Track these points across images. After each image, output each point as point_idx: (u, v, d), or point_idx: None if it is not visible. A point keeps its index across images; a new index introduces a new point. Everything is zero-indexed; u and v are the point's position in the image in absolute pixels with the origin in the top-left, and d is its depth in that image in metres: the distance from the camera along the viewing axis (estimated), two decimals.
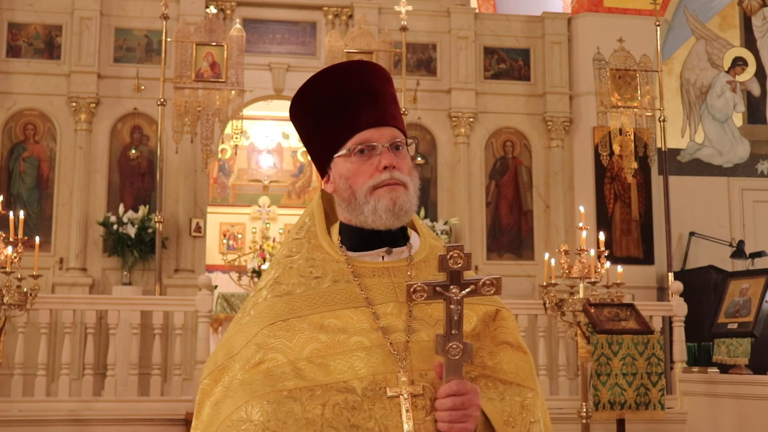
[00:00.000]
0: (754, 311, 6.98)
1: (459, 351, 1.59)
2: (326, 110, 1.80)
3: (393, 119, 1.79)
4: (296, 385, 1.64)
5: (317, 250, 1.80)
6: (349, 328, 1.69)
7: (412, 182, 1.77)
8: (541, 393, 1.82)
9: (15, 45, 9.29)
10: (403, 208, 1.74)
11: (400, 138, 1.79)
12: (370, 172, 1.74)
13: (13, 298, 6.06)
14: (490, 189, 9.90)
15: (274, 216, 12.89)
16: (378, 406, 1.62)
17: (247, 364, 1.69)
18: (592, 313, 6.66)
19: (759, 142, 10.61)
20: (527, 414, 1.72)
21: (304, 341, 1.68)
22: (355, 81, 1.80)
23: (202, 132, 8.49)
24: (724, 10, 10.76)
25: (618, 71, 9.13)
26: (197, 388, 5.86)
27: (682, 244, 10.03)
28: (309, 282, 1.76)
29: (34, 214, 8.96)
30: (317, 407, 1.62)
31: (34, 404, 6.84)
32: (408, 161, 1.79)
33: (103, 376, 7.38)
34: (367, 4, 9.75)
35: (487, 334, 1.78)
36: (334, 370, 1.65)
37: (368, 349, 1.67)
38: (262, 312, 1.75)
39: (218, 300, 10.14)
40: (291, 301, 1.74)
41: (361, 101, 1.78)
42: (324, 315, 1.71)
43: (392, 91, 1.84)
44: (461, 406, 1.59)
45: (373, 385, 1.63)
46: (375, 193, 1.74)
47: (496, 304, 1.82)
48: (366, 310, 1.71)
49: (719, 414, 6.95)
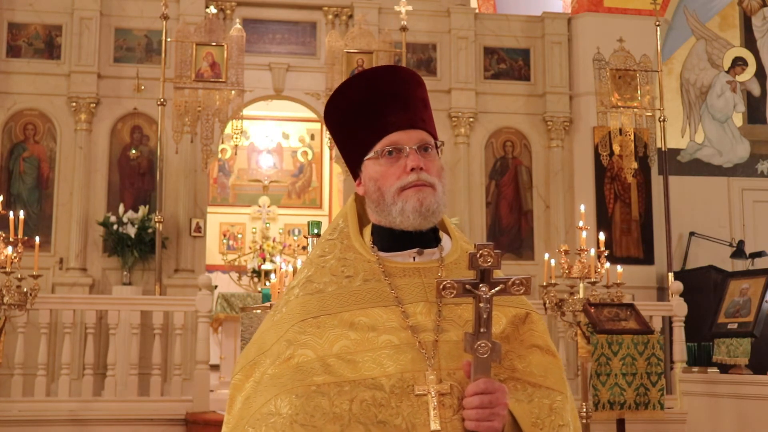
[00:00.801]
0: (754, 311, 6.97)
1: (487, 349, 1.59)
2: (356, 114, 1.83)
3: (422, 122, 1.82)
4: (325, 380, 1.66)
5: (349, 250, 1.83)
6: (379, 326, 1.71)
7: (440, 184, 1.79)
8: (571, 397, 1.82)
9: (15, 45, 9.29)
10: (430, 209, 1.76)
11: (428, 140, 1.81)
12: (398, 174, 1.77)
13: (13, 298, 6.06)
14: (490, 189, 9.90)
15: (274, 216, 12.90)
16: (405, 404, 1.64)
17: (278, 359, 1.72)
18: (592, 313, 6.66)
19: (759, 142, 10.61)
20: (556, 417, 1.72)
21: (334, 338, 1.71)
22: (385, 85, 1.83)
23: (202, 132, 8.49)
24: (724, 10, 10.76)
25: (618, 71, 9.14)
26: (197, 388, 5.89)
27: (682, 244, 10.03)
28: (340, 281, 1.79)
29: (34, 214, 8.96)
30: (345, 402, 1.64)
31: (34, 404, 6.84)
32: (437, 163, 1.81)
33: (103, 376, 7.38)
34: (367, 4, 9.74)
35: (516, 337, 1.78)
36: (362, 367, 1.67)
37: (397, 347, 1.69)
38: (293, 309, 1.78)
39: (218, 300, 10.13)
40: (322, 298, 1.77)
41: (390, 105, 1.81)
42: (354, 313, 1.73)
43: (423, 95, 1.86)
44: (488, 404, 1.60)
45: (401, 383, 1.65)
46: (402, 194, 1.76)
47: (526, 307, 1.82)
48: (396, 309, 1.73)
49: (719, 414, 6.95)
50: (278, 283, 6.14)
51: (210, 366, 7.25)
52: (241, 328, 8.96)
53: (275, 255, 11.17)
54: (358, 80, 1.86)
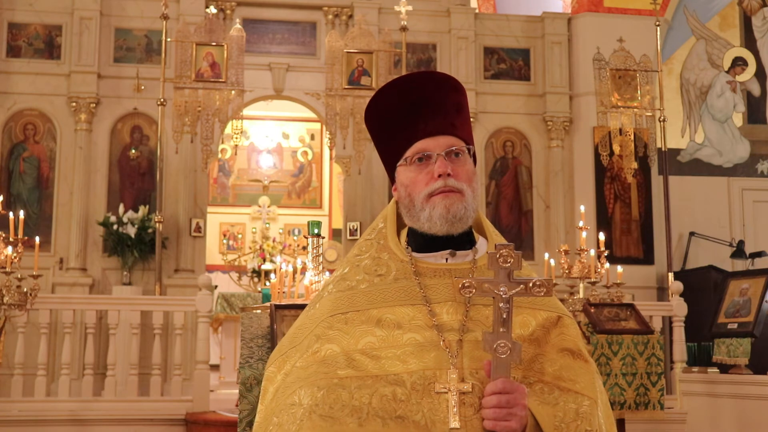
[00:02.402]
0: (754, 311, 6.97)
1: (507, 349, 1.60)
2: (390, 121, 1.87)
3: (452, 128, 1.83)
4: (348, 374, 1.70)
5: (385, 250, 1.87)
6: (405, 324, 1.74)
7: (469, 189, 1.81)
8: (604, 404, 1.79)
9: (15, 45, 9.29)
10: (456, 216, 1.78)
11: (457, 146, 1.82)
12: (426, 181, 1.80)
13: (13, 298, 6.06)
14: (490, 189, 9.90)
15: (274, 216, 12.90)
16: (426, 401, 1.66)
17: (306, 352, 1.77)
18: (592, 313, 6.66)
19: (759, 142, 10.61)
20: (582, 422, 1.70)
21: (360, 334, 1.75)
22: (417, 91, 1.85)
23: (202, 132, 8.49)
24: (724, 10, 10.76)
25: (618, 71, 9.13)
26: (197, 388, 5.89)
27: (682, 244, 10.03)
28: (372, 279, 1.83)
29: (34, 214, 8.96)
30: (365, 396, 1.67)
31: (34, 404, 6.84)
32: (467, 168, 1.83)
33: (103, 376, 7.38)
34: (367, 4, 9.74)
35: (548, 340, 1.78)
36: (386, 363, 1.70)
37: (421, 345, 1.71)
38: (324, 305, 1.83)
39: (218, 300, 10.13)
40: (353, 295, 1.81)
41: (420, 111, 1.84)
42: (382, 310, 1.76)
43: (458, 100, 1.87)
44: (506, 404, 1.60)
45: (422, 380, 1.67)
46: (431, 200, 1.79)
47: (558, 310, 1.82)
48: (422, 308, 1.75)
49: (719, 414, 6.94)
50: (278, 283, 6.13)
51: (210, 366, 7.24)
52: (241, 328, 8.93)
53: (275, 255, 11.16)
54: (391, 87, 1.89)
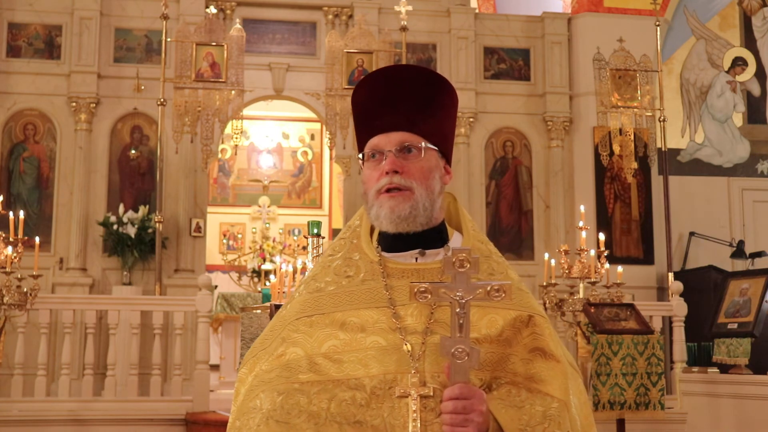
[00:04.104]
0: (754, 311, 6.97)
1: (465, 354, 1.57)
2: (358, 116, 1.85)
3: (409, 124, 1.78)
4: (309, 378, 1.68)
5: (356, 250, 1.83)
6: (368, 327, 1.71)
7: (421, 186, 1.75)
8: (578, 405, 1.75)
9: (15, 45, 9.29)
10: (401, 216, 1.73)
11: (410, 141, 1.76)
12: (377, 178, 1.76)
13: (13, 298, 6.06)
14: (490, 189, 9.90)
15: (274, 216, 12.90)
16: (386, 405, 1.63)
17: (271, 355, 1.75)
18: (592, 313, 6.66)
19: (759, 142, 10.61)
20: (550, 424, 1.66)
21: (324, 338, 1.72)
22: (381, 87, 1.81)
23: (202, 132, 8.49)
24: (724, 10, 10.75)
25: (618, 71, 9.13)
26: (197, 388, 5.91)
27: (682, 244, 10.03)
28: (341, 280, 1.79)
29: (34, 214, 8.96)
30: (324, 401, 1.64)
31: (34, 404, 6.84)
32: (421, 165, 1.76)
33: (103, 376, 7.38)
34: (367, 4, 9.74)
35: (519, 340, 1.73)
36: (348, 367, 1.67)
37: (383, 348, 1.68)
38: (293, 307, 1.81)
39: (218, 300, 10.14)
40: (319, 298, 1.78)
41: (380, 107, 1.79)
42: (347, 313, 1.73)
43: (430, 95, 1.82)
44: (462, 410, 1.57)
45: (382, 384, 1.65)
46: (378, 199, 1.76)
47: (530, 309, 1.77)
48: (387, 311, 1.72)
49: (719, 414, 6.94)
50: (278, 283, 6.14)
51: (210, 366, 7.24)
52: (241, 328, 8.94)
53: (275, 255, 11.17)
54: (360, 84, 1.85)
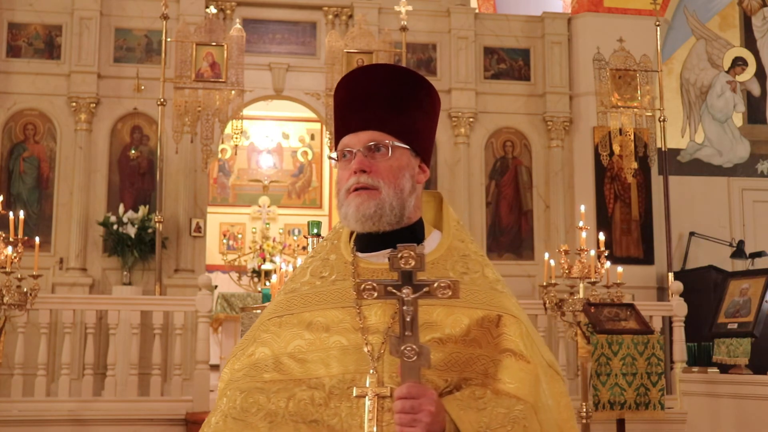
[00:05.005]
0: (754, 311, 6.98)
1: (414, 353, 1.54)
2: (335, 116, 1.85)
3: (378, 122, 1.75)
4: (273, 377, 1.71)
5: (334, 251, 1.84)
6: (332, 327, 1.72)
7: (389, 185, 1.73)
8: (553, 407, 1.73)
9: (15, 45, 9.29)
10: (366, 215, 1.72)
11: (378, 140, 1.74)
12: (347, 177, 1.76)
13: (13, 298, 6.05)
14: (490, 189, 9.90)
15: (274, 216, 12.91)
16: (345, 405, 1.65)
17: (243, 355, 1.79)
18: (592, 313, 6.65)
19: (759, 142, 10.61)
20: (513, 427, 1.62)
21: (290, 337, 1.74)
22: (353, 87, 1.80)
23: (202, 132, 8.49)
24: (724, 10, 10.75)
25: (618, 71, 9.13)
26: (197, 388, 5.92)
27: (682, 244, 10.03)
28: (314, 281, 1.81)
29: (34, 214, 8.96)
30: (282, 400, 1.67)
31: (34, 404, 6.84)
32: (390, 163, 1.74)
33: (103, 376, 7.38)
34: (367, 4, 9.74)
35: (489, 340, 1.71)
36: (311, 367, 1.70)
37: (345, 348, 1.69)
38: (269, 308, 1.84)
39: (218, 300, 10.15)
40: (292, 298, 1.80)
41: (350, 107, 1.79)
42: (314, 313, 1.75)
43: (401, 92, 1.79)
44: (410, 410, 1.55)
45: (341, 384, 1.66)
46: (348, 198, 1.75)
47: (500, 309, 1.74)
48: (352, 310, 1.72)
49: (719, 414, 6.94)
50: (278, 283, 6.15)
51: (210, 366, 7.25)
52: (241, 328, 8.95)
53: (275, 255, 11.18)
54: (338, 84, 1.85)
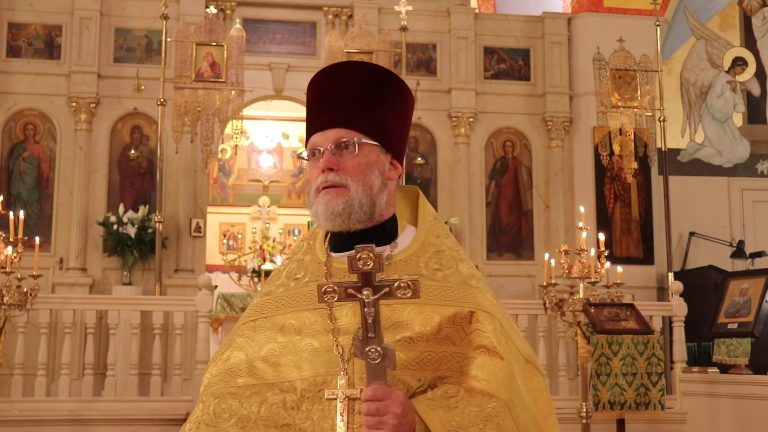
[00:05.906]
0: (754, 311, 6.98)
1: (378, 355, 1.53)
2: (306, 115, 1.83)
3: (346, 120, 1.74)
4: (246, 382, 1.71)
5: (310, 252, 1.83)
6: (304, 330, 1.71)
7: (357, 182, 1.72)
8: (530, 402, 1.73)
9: (15, 45, 9.29)
10: (334, 212, 1.71)
11: (345, 137, 1.73)
12: (316, 176, 1.75)
13: (13, 298, 6.05)
14: (490, 189, 9.90)
15: (274, 216, 12.89)
16: (316, 408, 1.64)
17: (220, 360, 1.79)
18: (592, 313, 6.65)
19: (759, 142, 10.61)
20: (486, 425, 1.61)
21: (264, 341, 1.74)
22: (324, 84, 1.79)
23: (202, 132, 8.49)
24: (724, 10, 10.75)
25: (618, 71, 9.13)
26: (197, 388, 5.93)
27: (682, 244, 10.03)
28: (289, 283, 1.80)
29: (34, 214, 8.96)
30: (254, 404, 1.67)
31: (34, 404, 6.84)
32: (358, 161, 1.73)
33: (103, 376, 7.38)
34: (367, 4, 9.74)
35: (462, 337, 1.69)
36: (284, 370, 1.69)
37: (316, 350, 1.68)
38: (246, 312, 1.84)
39: (218, 300, 10.14)
40: (266, 302, 1.80)
41: (319, 106, 1.78)
42: (287, 316, 1.74)
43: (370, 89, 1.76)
44: (376, 412, 1.54)
45: (312, 387, 1.66)
46: (317, 196, 1.74)
47: (473, 306, 1.72)
48: (324, 312, 1.71)
49: (719, 414, 6.94)
50: None
51: None
52: None
53: (275, 255, 11.17)
54: (309, 83, 1.83)
